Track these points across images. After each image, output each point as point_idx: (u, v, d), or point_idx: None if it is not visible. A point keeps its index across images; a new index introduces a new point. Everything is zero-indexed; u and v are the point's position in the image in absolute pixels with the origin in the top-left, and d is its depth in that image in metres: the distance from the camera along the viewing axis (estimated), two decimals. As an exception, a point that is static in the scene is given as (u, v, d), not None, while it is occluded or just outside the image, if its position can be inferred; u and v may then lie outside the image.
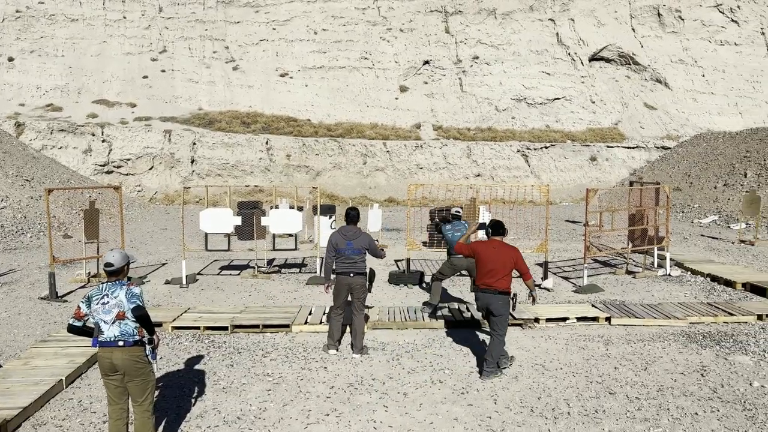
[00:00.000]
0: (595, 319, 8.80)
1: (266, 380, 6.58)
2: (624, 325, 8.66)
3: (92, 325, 4.76)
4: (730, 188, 24.45)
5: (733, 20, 45.95)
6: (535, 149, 35.39)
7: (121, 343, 4.64)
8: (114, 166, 30.40)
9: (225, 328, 8.30)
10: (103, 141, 30.54)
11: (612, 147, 36.51)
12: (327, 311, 8.93)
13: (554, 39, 41.74)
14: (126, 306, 4.66)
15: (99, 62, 36.13)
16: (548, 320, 8.73)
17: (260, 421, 5.59)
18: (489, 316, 6.69)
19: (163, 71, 36.65)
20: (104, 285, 4.78)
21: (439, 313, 8.98)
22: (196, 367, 6.99)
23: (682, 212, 24.47)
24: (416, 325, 8.56)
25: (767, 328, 8.50)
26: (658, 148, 36.60)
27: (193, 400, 6.06)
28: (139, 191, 30.17)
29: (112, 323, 4.66)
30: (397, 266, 13.56)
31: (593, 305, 9.37)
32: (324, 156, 33.00)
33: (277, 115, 35.39)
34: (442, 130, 36.36)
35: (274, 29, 39.25)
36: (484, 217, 14.79)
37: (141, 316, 4.66)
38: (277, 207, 13.49)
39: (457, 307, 9.38)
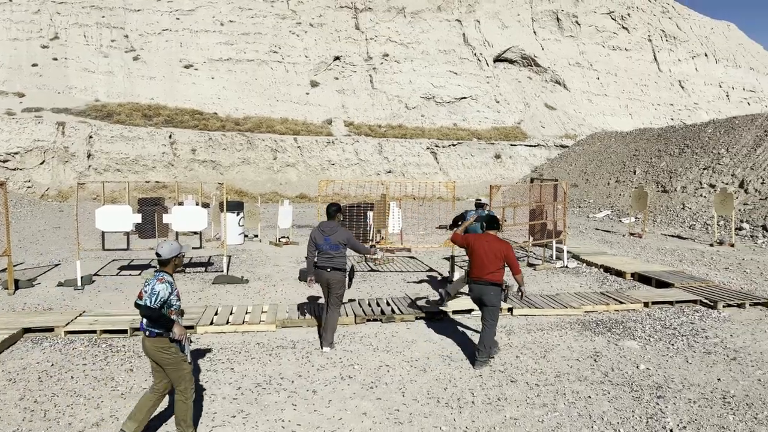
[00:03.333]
0: (498, 310, 9.13)
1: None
2: (525, 315, 9.06)
3: None
4: (621, 184, 26.17)
5: (624, 27, 49.19)
6: (443, 147, 36.24)
7: (147, 333, 4.84)
8: (-1, 161, 28.11)
9: (124, 332, 7.90)
10: (-13, 133, 28.14)
11: (515, 145, 38.07)
12: (240, 310, 8.71)
13: (461, 39, 42.91)
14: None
15: (-19, 47, 33.27)
16: (454, 312, 8.98)
17: (162, 426, 5.36)
18: (481, 306, 6.96)
19: (55, 59, 34.31)
20: (156, 272, 4.96)
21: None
22: (93, 372, 6.61)
23: (579, 207, 25.93)
24: (326, 322, 8.52)
25: (653, 315, 9.18)
26: (557, 146, 38.55)
27: (89, 408, 5.72)
28: (29, 187, 28.08)
29: None
30: (307, 263, 13.40)
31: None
32: (232, 151, 32.15)
33: (181, 108, 34.09)
34: (353, 126, 36.46)
35: (177, 19, 37.75)
36: (394, 213, 14.99)
37: (146, 315, 4.74)
38: (181, 204, 13.01)
39: (367, 302, 9.43)
